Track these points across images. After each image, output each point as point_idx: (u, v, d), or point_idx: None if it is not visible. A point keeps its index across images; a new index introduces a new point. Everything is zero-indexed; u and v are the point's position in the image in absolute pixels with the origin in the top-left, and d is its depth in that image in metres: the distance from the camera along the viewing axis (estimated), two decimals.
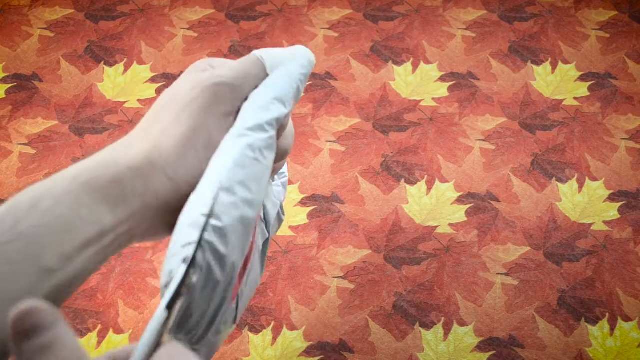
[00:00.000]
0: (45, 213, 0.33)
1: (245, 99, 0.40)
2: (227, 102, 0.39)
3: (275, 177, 0.47)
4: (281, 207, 0.44)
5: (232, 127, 0.38)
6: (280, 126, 0.41)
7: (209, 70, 0.41)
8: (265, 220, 0.37)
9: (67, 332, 0.28)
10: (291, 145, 0.45)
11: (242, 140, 0.37)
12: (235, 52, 1.73)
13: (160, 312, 0.33)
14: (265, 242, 0.38)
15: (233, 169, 0.36)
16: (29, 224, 0.33)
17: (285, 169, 0.48)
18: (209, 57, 0.44)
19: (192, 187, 0.37)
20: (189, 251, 0.35)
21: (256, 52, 0.42)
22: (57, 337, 0.27)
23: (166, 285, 0.35)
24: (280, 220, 0.41)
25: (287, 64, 0.41)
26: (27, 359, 0.27)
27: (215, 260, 0.35)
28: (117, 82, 1.68)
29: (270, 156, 0.38)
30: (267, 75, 0.41)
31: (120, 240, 0.36)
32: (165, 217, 0.38)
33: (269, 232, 0.39)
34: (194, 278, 0.35)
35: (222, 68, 0.40)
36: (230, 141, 0.37)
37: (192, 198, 0.35)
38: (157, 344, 0.31)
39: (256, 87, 0.41)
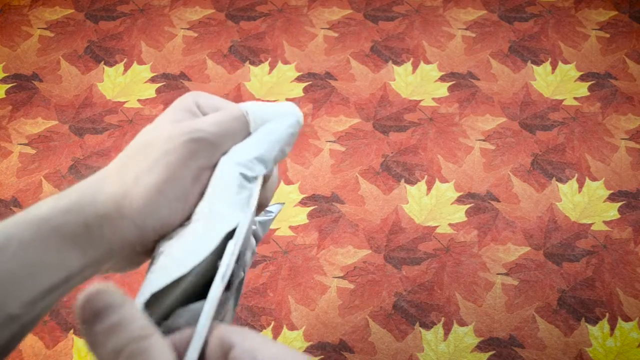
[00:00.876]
0: (11, 258, 0.32)
1: (224, 152, 0.39)
2: (204, 157, 0.38)
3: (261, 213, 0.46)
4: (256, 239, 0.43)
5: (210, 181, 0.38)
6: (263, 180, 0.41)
7: (193, 115, 0.40)
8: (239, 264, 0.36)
9: (135, 311, 0.29)
10: (271, 196, 0.45)
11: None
12: (235, 52, 1.73)
13: (218, 291, 0.32)
14: (240, 283, 0.38)
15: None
16: None
17: (274, 208, 0.47)
18: (196, 92, 0.42)
19: (160, 235, 0.37)
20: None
21: (242, 106, 0.41)
22: (124, 317, 0.28)
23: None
24: (253, 253, 0.41)
25: (273, 122, 0.40)
26: (97, 340, 0.28)
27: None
28: (117, 82, 1.68)
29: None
30: (249, 133, 0.40)
31: (85, 279, 0.36)
32: (132, 259, 0.38)
33: (243, 272, 0.38)
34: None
35: (205, 120, 0.39)
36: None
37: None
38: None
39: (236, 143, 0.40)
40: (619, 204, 1.48)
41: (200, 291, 0.35)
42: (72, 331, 1.35)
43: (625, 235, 1.44)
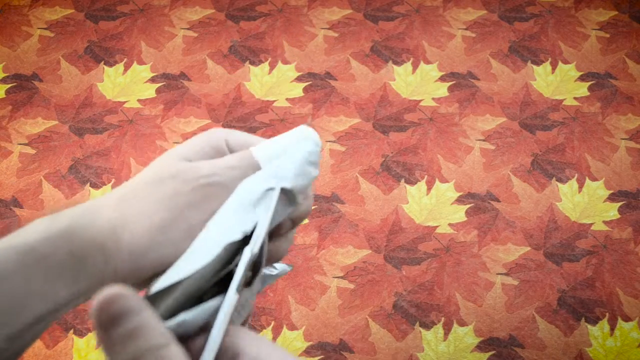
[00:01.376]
0: None
1: None
2: (218, 200, 0.37)
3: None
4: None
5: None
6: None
7: (219, 155, 0.39)
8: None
9: (153, 317, 0.28)
10: (285, 249, 0.43)
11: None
12: (235, 52, 1.73)
13: (232, 295, 0.32)
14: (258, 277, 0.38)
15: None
16: None
17: (280, 267, 0.46)
18: (229, 130, 0.40)
19: (157, 271, 0.35)
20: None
21: (253, 152, 0.39)
22: (143, 323, 0.27)
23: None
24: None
25: (290, 153, 0.39)
26: (114, 346, 0.27)
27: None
28: (117, 82, 1.68)
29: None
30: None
31: (74, 307, 0.34)
32: None
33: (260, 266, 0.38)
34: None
35: (223, 163, 0.38)
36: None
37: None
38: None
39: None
40: (619, 204, 1.48)
41: (200, 290, 0.35)
42: (72, 331, 1.35)
43: (625, 235, 1.44)
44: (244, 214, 0.36)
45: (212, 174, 0.37)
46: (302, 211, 0.41)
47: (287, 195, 0.38)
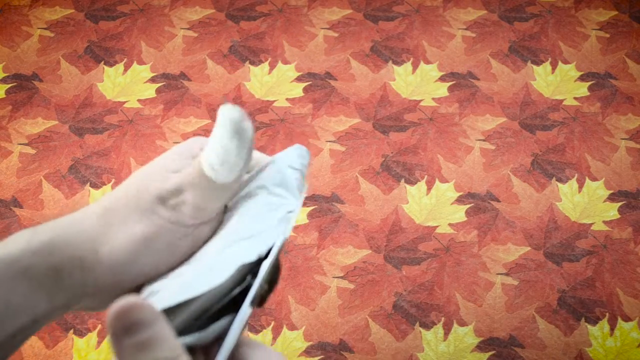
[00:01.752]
0: None
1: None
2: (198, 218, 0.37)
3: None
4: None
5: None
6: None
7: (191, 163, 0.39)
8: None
9: (167, 329, 0.28)
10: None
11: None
12: (235, 52, 1.73)
13: (245, 308, 0.32)
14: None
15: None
16: None
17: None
18: (200, 138, 0.40)
19: (139, 283, 0.35)
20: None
21: (202, 161, 0.39)
22: (157, 335, 0.27)
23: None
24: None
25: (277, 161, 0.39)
26: (126, 355, 0.27)
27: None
28: (117, 82, 1.68)
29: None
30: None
31: (54, 319, 0.34)
32: (106, 302, 0.36)
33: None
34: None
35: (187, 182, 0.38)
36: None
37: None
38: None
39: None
40: (619, 204, 1.48)
41: (210, 308, 0.35)
42: (72, 331, 1.35)
43: (625, 235, 1.44)
44: (263, 235, 0.36)
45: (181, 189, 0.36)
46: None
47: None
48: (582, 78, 1.68)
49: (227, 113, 0.35)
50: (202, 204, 0.36)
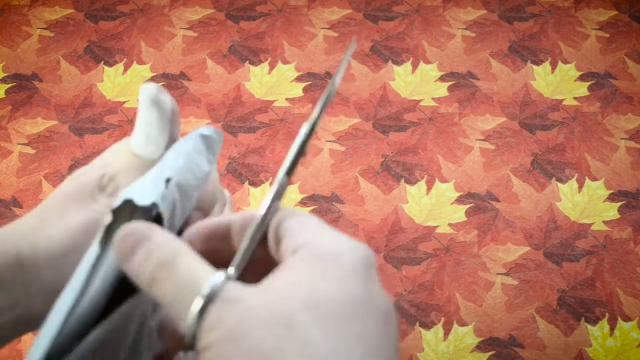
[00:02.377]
0: None
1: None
2: None
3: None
4: None
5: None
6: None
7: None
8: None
9: (162, 235, 0.30)
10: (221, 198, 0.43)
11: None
12: (235, 52, 1.73)
13: (282, 177, 0.33)
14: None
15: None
16: None
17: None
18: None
19: None
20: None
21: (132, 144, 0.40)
22: (154, 244, 0.30)
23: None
24: None
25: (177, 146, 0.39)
26: (140, 267, 0.30)
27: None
28: (117, 82, 1.68)
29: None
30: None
31: (9, 328, 0.34)
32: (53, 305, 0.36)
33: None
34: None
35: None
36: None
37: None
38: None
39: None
40: (619, 203, 1.48)
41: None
42: None
43: (625, 235, 1.44)
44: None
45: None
46: (208, 200, 0.40)
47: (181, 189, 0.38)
48: (581, 78, 1.68)
49: (145, 88, 0.38)
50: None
